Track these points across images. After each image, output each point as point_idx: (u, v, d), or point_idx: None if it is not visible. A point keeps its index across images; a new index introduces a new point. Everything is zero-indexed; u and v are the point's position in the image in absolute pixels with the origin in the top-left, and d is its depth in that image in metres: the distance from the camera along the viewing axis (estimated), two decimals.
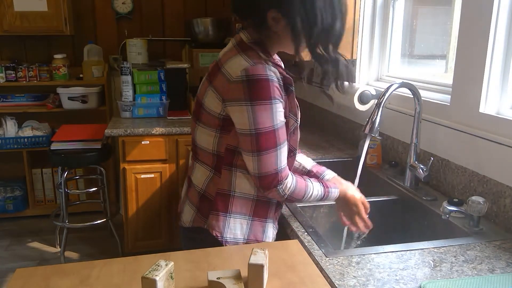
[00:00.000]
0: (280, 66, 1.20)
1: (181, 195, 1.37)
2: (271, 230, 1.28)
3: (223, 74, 1.12)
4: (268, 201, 1.24)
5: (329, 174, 1.38)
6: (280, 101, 1.10)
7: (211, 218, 1.21)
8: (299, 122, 1.23)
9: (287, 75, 1.16)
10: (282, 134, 1.12)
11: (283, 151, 1.13)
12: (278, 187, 1.13)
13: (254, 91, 1.06)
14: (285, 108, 1.14)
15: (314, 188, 1.21)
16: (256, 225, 1.24)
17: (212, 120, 1.16)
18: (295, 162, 1.40)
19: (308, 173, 1.39)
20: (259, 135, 1.08)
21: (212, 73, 1.17)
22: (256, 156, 1.10)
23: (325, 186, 1.25)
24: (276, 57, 1.24)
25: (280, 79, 1.11)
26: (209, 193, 1.22)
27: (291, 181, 1.15)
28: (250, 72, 1.06)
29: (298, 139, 1.27)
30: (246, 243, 1.23)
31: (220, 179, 1.20)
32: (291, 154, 1.22)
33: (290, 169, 1.18)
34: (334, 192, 1.27)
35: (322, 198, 1.25)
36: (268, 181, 1.12)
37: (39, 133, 3.47)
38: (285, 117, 1.14)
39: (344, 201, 1.30)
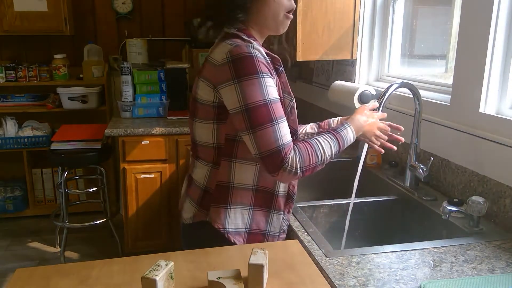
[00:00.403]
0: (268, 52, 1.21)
1: (181, 193, 1.37)
2: (277, 221, 1.26)
3: (209, 63, 1.14)
4: (271, 191, 1.23)
5: (334, 119, 1.40)
6: (269, 76, 1.10)
7: (212, 211, 1.22)
8: (294, 101, 1.21)
9: (275, 56, 1.18)
10: (278, 109, 1.09)
11: (283, 126, 1.08)
12: (285, 165, 1.06)
13: (240, 68, 1.07)
14: (277, 88, 1.14)
15: (324, 143, 1.13)
16: (258, 214, 1.23)
17: (207, 111, 1.16)
18: (300, 135, 1.41)
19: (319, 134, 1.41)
20: (250, 110, 1.07)
21: (202, 67, 1.20)
22: (251, 134, 1.07)
23: (333, 131, 1.17)
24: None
25: (267, 57, 1.13)
26: (210, 187, 1.22)
27: (294, 154, 1.08)
28: (234, 53, 1.08)
29: (297, 120, 1.25)
30: (248, 232, 1.23)
31: (219, 171, 1.20)
32: (293, 136, 1.19)
33: None
34: (348, 132, 1.20)
35: (341, 147, 1.17)
36: (272, 162, 1.06)
37: (39, 133, 3.47)
38: (279, 97, 1.14)
39: (365, 130, 1.28)
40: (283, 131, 1.08)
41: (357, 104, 1.88)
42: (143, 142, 2.64)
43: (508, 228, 1.26)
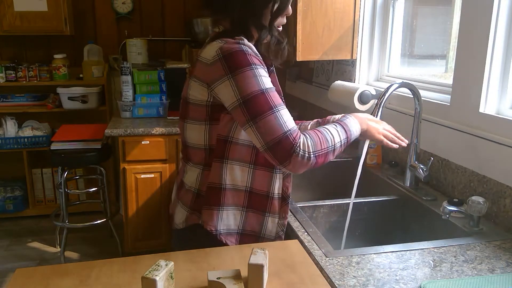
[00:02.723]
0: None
1: (172, 198, 1.36)
2: (272, 225, 1.25)
3: (200, 62, 1.14)
4: (266, 194, 1.23)
5: (335, 116, 1.36)
6: (262, 67, 1.10)
7: (204, 213, 1.21)
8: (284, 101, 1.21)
9: (266, 57, 1.19)
10: (275, 97, 1.07)
11: (284, 113, 1.05)
12: (297, 151, 1.01)
13: (232, 63, 1.07)
14: None
15: (332, 130, 1.11)
16: (251, 216, 1.23)
17: (199, 112, 1.16)
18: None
19: None
20: (247, 102, 1.05)
21: (192, 67, 1.20)
22: (253, 125, 1.04)
23: (337, 121, 1.17)
24: None
25: (258, 54, 1.13)
26: (202, 190, 1.22)
27: (305, 138, 1.04)
28: (224, 49, 1.08)
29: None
30: (241, 233, 1.23)
31: (210, 173, 1.19)
32: None
33: None
34: (351, 121, 1.18)
35: (347, 134, 1.14)
36: (282, 149, 1.02)
37: (39, 133, 3.48)
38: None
39: (370, 126, 1.25)
40: (285, 117, 1.05)
41: (357, 104, 1.88)
42: (143, 142, 2.64)
43: (508, 228, 1.26)
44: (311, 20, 2.07)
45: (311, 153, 1.03)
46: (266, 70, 1.13)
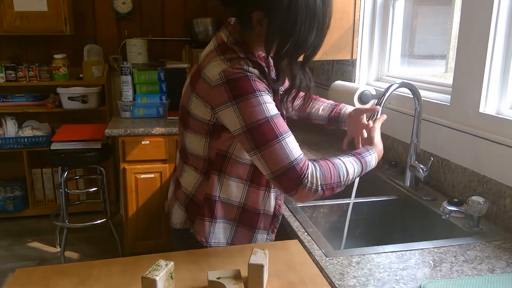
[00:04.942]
0: (264, 65, 1.14)
1: (168, 196, 1.35)
2: (261, 241, 1.26)
3: (204, 80, 1.09)
4: (258, 211, 1.23)
5: (348, 107, 1.40)
6: (267, 93, 1.06)
7: (197, 223, 1.21)
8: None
9: (271, 76, 1.14)
10: (280, 124, 1.04)
11: (290, 141, 1.02)
12: (305, 182, 1.00)
13: (236, 89, 1.03)
14: None
15: (348, 165, 1.08)
16: (241, 232, 1.23)
17: (200, 126, 1.14)
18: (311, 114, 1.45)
19: (329, 121, 1.43)
20: (252, 130, 1.02)
21: (194, 78, 1.15)
22: (258, 153, 1.02)
23: (359, 156, 1.14)
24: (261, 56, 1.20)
25: (263, 79, 1.08)
26: (197, 198, 1.21)
27: (314, 169, 1.02)
28: (228, 73, 1.04)
29: None
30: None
31: (208, 184, 1.19)
32: None
33: None
34: (373, 159, 1.17)
35: (362, 172, 1.14)
36: (288, 180, 1.00)
37: (39, 133, 3.48)
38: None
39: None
40: (291, 145, 1.02)
41: (357, 104, 1.88)
42: (143, 142, 2.64)
43: (508, 228, 1.26)
44: None
45: (319, 186, 1.02)
46: (272, 94, 1.09)
